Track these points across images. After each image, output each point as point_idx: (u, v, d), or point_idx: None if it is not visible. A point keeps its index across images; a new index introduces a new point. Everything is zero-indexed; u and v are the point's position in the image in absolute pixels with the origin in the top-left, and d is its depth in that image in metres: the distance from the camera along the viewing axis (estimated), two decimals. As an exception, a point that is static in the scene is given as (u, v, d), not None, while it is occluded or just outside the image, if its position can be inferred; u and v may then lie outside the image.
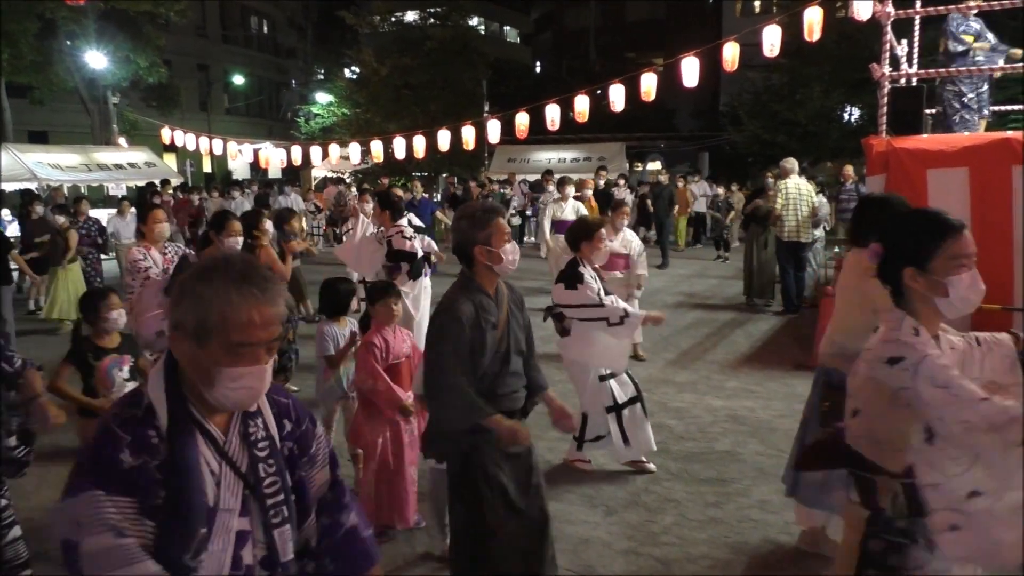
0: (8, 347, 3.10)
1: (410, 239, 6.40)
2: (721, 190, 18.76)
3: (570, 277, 4.68)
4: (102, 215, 13.67)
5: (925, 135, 8.15)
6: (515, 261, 2.97)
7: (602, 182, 13.24)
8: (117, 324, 4.19)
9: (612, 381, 4.81)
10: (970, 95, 8.45)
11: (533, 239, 17.58)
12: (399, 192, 10.84)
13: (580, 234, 4.88)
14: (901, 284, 2.10)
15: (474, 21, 35.73)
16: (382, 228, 6.66)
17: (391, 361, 4.05)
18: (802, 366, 7.28)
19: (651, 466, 4.93)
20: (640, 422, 4.81)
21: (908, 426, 2.04)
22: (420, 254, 6.52)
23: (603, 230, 4.95)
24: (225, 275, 1.51)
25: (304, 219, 18.62)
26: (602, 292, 4.68)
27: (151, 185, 16.79)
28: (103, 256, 11.41)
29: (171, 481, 1.48)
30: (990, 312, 3.92)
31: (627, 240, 7.15)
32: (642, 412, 4.83)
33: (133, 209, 12.27)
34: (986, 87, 8.66)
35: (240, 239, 4.85)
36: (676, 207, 16.13)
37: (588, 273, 4.72)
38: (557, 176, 12.88)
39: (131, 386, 4.01)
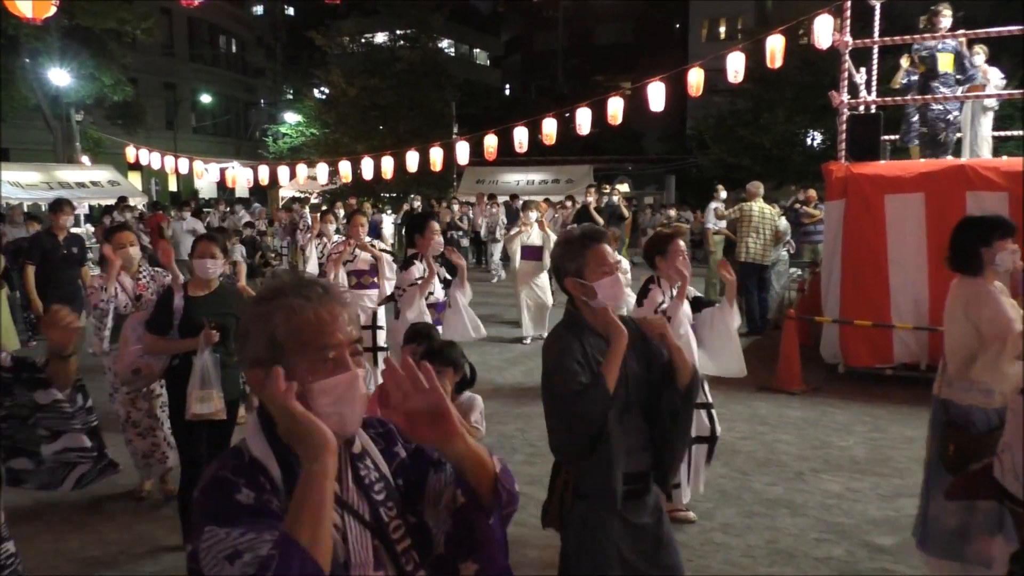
0: None
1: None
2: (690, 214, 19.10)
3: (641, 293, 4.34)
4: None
5: (883, 161, 8.35)
6: (617, 296, 2.51)
7: (603, 199, 13.87)
8: None
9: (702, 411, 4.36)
10: (954, 113, 8.57)
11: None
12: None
13: (654, 249, 4.34)
14: None
15: (444, 43, 35.94)
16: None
17: None
18: (765, 388, 7.36)
19: (692, 515, 4.51)
20: (701, 466, 4.45)
21: None
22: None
23: (679, 240, 4.32)
24: (279, 289, 1.42)
25: (273, 238, 18.57)
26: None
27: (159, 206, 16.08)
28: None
29: None
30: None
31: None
32: (708, 457, 4.45)
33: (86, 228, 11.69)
34: (956, 112, 8.83)
35: (218, 261, 4.47)
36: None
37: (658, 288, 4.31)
38: (522, 199, 12.99)
39: None
